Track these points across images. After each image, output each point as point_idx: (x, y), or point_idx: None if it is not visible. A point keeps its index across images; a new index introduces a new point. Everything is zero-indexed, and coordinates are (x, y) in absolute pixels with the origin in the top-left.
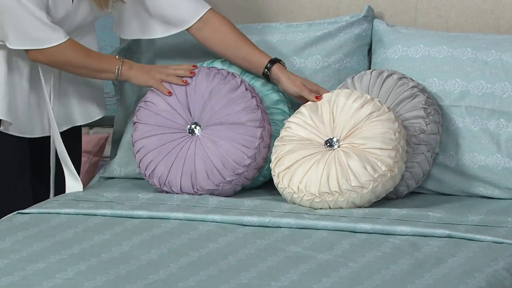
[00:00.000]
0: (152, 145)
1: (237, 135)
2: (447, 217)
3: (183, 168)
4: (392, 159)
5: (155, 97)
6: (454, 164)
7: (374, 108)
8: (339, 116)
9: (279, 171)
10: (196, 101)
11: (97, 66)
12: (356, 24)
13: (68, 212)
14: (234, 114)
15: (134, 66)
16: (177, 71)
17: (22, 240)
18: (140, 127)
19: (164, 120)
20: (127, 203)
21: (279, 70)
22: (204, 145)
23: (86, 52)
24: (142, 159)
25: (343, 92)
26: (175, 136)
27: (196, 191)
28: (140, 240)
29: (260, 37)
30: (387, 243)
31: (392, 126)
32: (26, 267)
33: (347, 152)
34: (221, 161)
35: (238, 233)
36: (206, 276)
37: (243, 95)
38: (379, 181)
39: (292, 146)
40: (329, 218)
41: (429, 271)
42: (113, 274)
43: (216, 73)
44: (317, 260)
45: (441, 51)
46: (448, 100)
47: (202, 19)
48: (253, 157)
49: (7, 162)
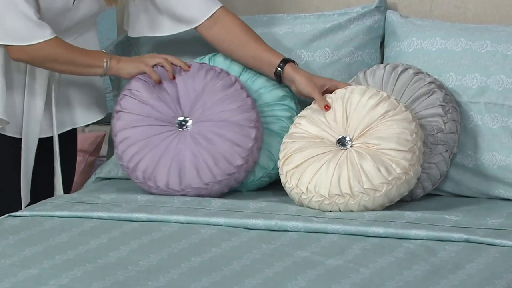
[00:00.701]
0: (138, 137)
1: (230, 133)
2: (464, 220)
3: (172, 163)
4: (408, 161)
5: (141, 86)
6: (472, 164)
7: (390, 106)
8: (352, 113)
9: (287, 169)
10: (187, 95)
11: (84, 61)
12: (368, 15)
13: (62, 214)
14: (228, 112)
15: (122, 59)
16: (173, 59)
17: (14, 245)
18: (124, 116)
19: (151, 111)
20: (125, 205)
21: (292, 69)
22: (195, 140)
23: (70, 48)
24: (126, 150)
25: (357, 88)
26: (163, 129)
27: (182, 189)
28: (139, 244)
29: (266, 29)
30: (401, 248)
31: (408, 127)
32: (17, 273)
33: (360, 153)
34: (213, 159)
35: (243, 237)
36: (208, 282)
37: (238, 93)
38: (393, 184)
39: (302, 144)
40: (339, 221)
41: (445, 277)
42: (110, 281)
43: (209, 69)
44: (326, 266)
45: (458, 44)
46: (466, 96)
47: (213, 17)
48: (245, 158)
49: (1, 163)
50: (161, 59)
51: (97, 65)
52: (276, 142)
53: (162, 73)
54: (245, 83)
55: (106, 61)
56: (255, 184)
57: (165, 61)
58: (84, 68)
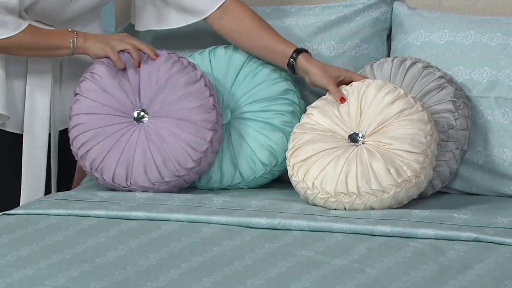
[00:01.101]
0: (91, 124)
1: (185, 133)
2: (474, 219)
3: (120, 157)
4: (419, 164)
5: (103, 70)
6: (482, 161)
7: (406, 105)
8: (367, 109)
9: (294, 162)
10: (148, 86)
11: (50, 44)
12: (374, 7)
13: (58, 213)
14: (187, 110)
15: (90, 36)
16: (141, 46)
17: (8, 244)
18: (82, 100)
19: (110, 99)
20: (123, 203)
21: (305, 60)
22: (148, 137)
23: (34, 31)
24: (78, 137)
25: (374, 83)
26: (118, 120)
27: (128, 185)
28: (138, 243)
29: (269, 21)
30: (408, 247)
31: (423, 128)
32: (12, 273)
33: (371, 151)
34: (162, 159)
35: (245, 236)
36: (209, 283)
37: (201, 91)
38: (402, 186)
39: (312, 136)
40: (345, 220)
41: (454, 278)
42: (108, 281)
43: (176, 61)
44: (331, 266)
45: (468, 36)
46: (475, 91)
47: (222, 7)
48: (198, 161)
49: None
50: (128, 45)
51: (63, 47)
52: (278, 138)
53: (129, 59)
54: (246, 76)
55: (72, 41)
56: (257, 181)
57: (132, 48)
58: (51, 50)
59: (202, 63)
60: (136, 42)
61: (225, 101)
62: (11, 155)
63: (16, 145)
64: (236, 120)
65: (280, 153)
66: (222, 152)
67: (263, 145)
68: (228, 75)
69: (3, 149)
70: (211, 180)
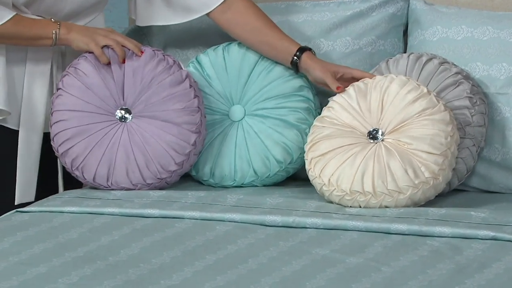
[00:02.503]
0: (73, 122)
1: (169, 136)
2: (491, 217)
3: (102, 158)
4: (438, 165)
5: (88, 67)
6: (500, 159)
7: (428, 104)
8: (388, 106)
9: (312, 156)
10: (133, 85)
11: (31, 33)
12: (391, 2)
13: (72, 210)
14: (171, 112)
15: (74, 28)
16: (126, 42)
17: (22, 241)
18: (65, 96)
19: (92, 97)
20: (137, 201)
21: (309, 58)
22: (131, 137)
23: (17, 20)
24: (59, 133)
25: (398, 79)
26: (101, 118)
27: (109, 185)
28: (151, 241)
29: (284, 17)
30: (425, 246)
31: (444, 129)
32: (26, 271)
33: (390, 150)
34: (145, 161)
35: (260, 234)
36: (224, 281)
37: (185, 92)
38: (419, 188)
39: (332, 131)
40: (360, 218)
41: (471, 276)
42: (121, 279)
43: (162, 60)
44: (346, 264)
45: (485, 32)
46: (493, 87)
47: (226, 2)
48: (180, 164)
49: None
50: (112, 41)
51: (45, 37)
52: (293, 135)
53: (113, 55)
54: (260, 73)
55: (54, 32)
56: (271, 179)
57: (116, 45)
58: (33, 40)
59: (216, 59)
60: (120, 38)
61: (239, 98)
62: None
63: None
64: (250, 117)
65: (295, 151)
66: (236, 150)
67: (278, 142)
68: (242, 71)
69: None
70: (225, 178)
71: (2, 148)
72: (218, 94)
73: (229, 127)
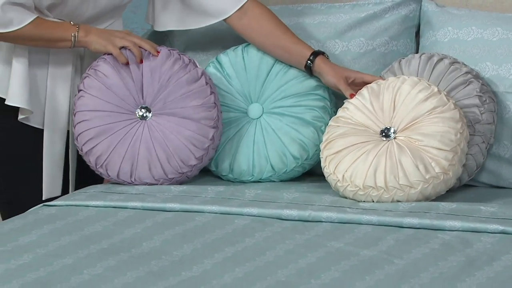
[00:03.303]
0: (96, 121)
1: (188, 131)
2: (501, 211)
3: (125, 154)
4: (448, 161)
5: (108, 68)
6: (509, 155)
7: (439, 103)
8: (400, 105)
9: (327, 154)
10: (151, 84)
11: (51, 35)
12: (403, 4)
13: (96, 204)
14: (189, 109)
15: (92, 31)
16: (142, 43)
17: (49, 234)
18: (86, 97)
19: (113, 97)
20: (159, 195)
21: (322, 62)
22: (151, 134)
23: (36, 22)
24: (83, 133)
25: (409, 79)
26: (122, 117)
27: (132, 181)
28: (173, 234)
29: (300, 19)
30: (436, 239)
31: (454, 126)
32: (53, 262)
33: (401, 146)
34: (166, 156)
35: (276, 227)
36: (242, 273)
37: (202, 89)
38: (430, 183)
39: (346, 129)
40: (374, 212)
41: (481, 269)
42: (144, 270)
43: (178, 59)
44: (360, 257)
45: (495, 33)
46: (502, 86)
47: (243, 8)
48: (200, 158)
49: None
50: (129, 42)
51: (65, 39)
52: (309, 132)
53: (131, 56)
54: (278, 73)
55: (73, 35)
56: (288, 174)
57: (133, 46)
58: (53, 42)
59: (235, 59)
60: (136, 39)
61: (257, 96)
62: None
63: (38, 139)
64: (268, 115)
65: (311, 147)
66: (254, 146)
67: (294, 139)
68: (261, 71)
69: (27, 144)
70: (243, 173)
71: (28, 146)
72: (237, 92)
73: (248, 124)
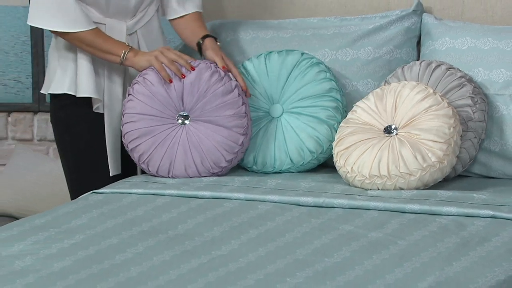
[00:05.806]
0: (141, 123)
1: (221, 137)
2: (491, 198)
3: (164, 154)
4: (443, 151)
5: (154, 77)
6: (499, 149)
7: (434, 102)
8: (401, 105)
9: (338, 150)
10: (190, 93)
11: (104, 47)
12: (406, 18)
13: (138, 192)
14: (223, 118)
15: (140, 53)
16: (178, 59)
17: (97, 218)
18: (135, 101)
19: (157, 103)
20: (192, 184)
21: (209, 43)
22: (189, 138)
23: (96, 33)
24: (129, 132)
25: (409, 84)
26: (164, 121)
27: (169, 177)
28: (204, 218)
29: (316, 30)
30: (434, 223)
31: (448, 121)
32: (100, 242)
33: (402, 140)
34: (200, 159)
35: (295, 212)
36: (264, 252)
37: (235, 100)
38: (427, 170)
39: (354, 128)
40: (380, 199)
41: (474, 249)
42: (179, 249)
43: (214, 72)
44: (368, 238)
45: (486, 43)
46: (493, 89)
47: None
48: (230, 161)
49: (92, 143)
50: (166, 59)
51: (115, 53)
52: (324, 129)
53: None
54: (296, 77)
55: (124, 52)
56: (305, 166)
57: (170, 63)
58: (104, 53)
59: (258, 65)
60: (173, 55)
61: (278, 98)
62: (100, 137)
63: (101, 126)
64: (287, 114)
65: (325, 142)
66: (275, 141)
67: (311, 135)
68: (281, 75)
69: (94, 128)
70: (266, 165)
71: (92, 130)
72: (261, 94)
73: (270, 122)
